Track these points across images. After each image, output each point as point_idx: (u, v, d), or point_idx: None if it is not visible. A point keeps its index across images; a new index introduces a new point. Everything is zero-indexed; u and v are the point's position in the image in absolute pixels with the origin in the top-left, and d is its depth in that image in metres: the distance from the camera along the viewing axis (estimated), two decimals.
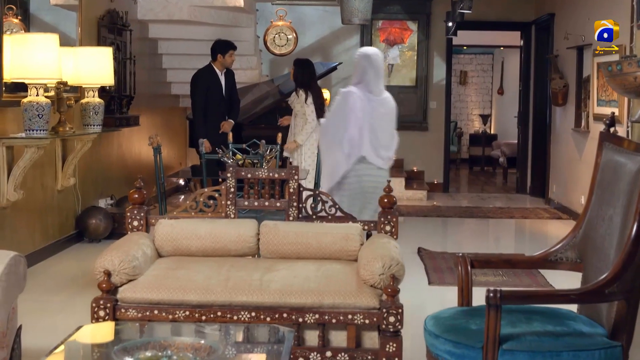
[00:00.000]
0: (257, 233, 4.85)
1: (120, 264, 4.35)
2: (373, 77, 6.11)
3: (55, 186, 7.92)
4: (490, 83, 20.04)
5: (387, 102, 6.22)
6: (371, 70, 6.10)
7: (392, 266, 4.29)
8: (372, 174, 6.18)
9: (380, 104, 6.14)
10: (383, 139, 6.18)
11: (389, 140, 6.25)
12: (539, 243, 9.54)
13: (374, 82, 6.11)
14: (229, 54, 9.31)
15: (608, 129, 3.85)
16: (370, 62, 6.12)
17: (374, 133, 6.12)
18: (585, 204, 3.90)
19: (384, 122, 6.17)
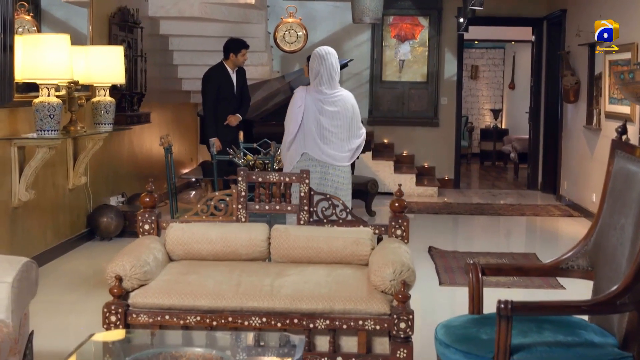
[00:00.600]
0: (268, 237, 4.85)
1: (132, 269, 4.36)
2: (325, 76, 6.18)
3: (66, 185, 7.94)
4: (501, 77, 19.99)
5: (340, 101, 6.20)
6: (322, 68, 6.17)
7: (402, 272, 4.29)
8: (319, 171, 6.21)
9: (331, 103, 6.17)
10: (333, 137, 6.18)
11: (343, 140, 6.22)
12: (551, 242, 9.54)
13: (326, 81, 6.18)
14: (241, 53, 9.32)
15: (620, 136, 3.84)
16: (321, 61, 6.19)
17: (321, 131, 6.16)
18: (597, 212, 3.89)
19: (334, 120, 6.17)
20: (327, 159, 6.21)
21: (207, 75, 9.37)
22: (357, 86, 13.52)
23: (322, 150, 6.20)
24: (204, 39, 11.09)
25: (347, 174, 6.34)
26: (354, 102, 6.31)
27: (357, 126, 6.31)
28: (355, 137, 6.30)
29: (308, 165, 6.23)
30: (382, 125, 13.53)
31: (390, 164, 12.67)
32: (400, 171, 12.80)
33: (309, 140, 6.21)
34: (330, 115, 6.18)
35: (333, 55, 6.23)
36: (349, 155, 6.28)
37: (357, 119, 6.31)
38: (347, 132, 6.25)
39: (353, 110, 6.26)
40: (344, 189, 6.30)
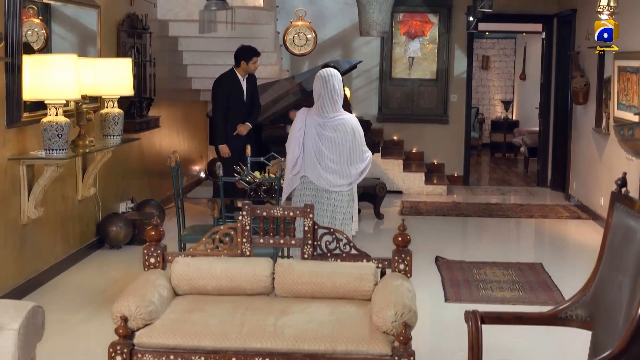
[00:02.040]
0: (272, 272, 4.90)
1: (137, 309, 4.41)
2: (326, 100, 6.19)
3: (75, 197, 8.01)
4: (512, 68, 19.94)
5: (340, 125, 6.19)
6: (324, 91, 6.19)
7: (404, 314, 4.33)
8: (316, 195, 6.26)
9: (331, 128, 6.18)
10: (332, 163, 6.20)
11: (344, 165, 6.23)
12: (558, 249, 9.56)
13: (327, 105, 6.18)
14: (252, 60, 9.32)
15: (619, 189, 3.86)
16: (323, 84, 6.20)
17: (320, 157, 6.19)
18: (596, 263, 3.92)
19: (334, 145, 6.18)
20: (325, 184, 6.24)
21: (217, 81, 9.40)
22: (366, 83, 13.54)
23: (320, 175, 6.23)
24: (213, 39, 11.09)
25: (347, 195, 6.35)
26: (356, 126, 6.29)
27: (359, 150, 6.29)
28: (359, 161, 6.29)
29: (306, 187, 6.29)
30: (392, 123, 13.55)
31: (399, 163, 12.69)
32: (409, 169, 12.83)
33: (308, 164, 6.25)
34: (330, 140, 6.20)
35: (336, 77, 6.23)
36: (349, 181, 6.28)
37: (360, 142, 6.29)
38: (348, 157, 6.25)
39: (354, 134, 6.24)
40: (342, 212, 6.33)
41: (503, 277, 7.80)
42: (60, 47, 7.99)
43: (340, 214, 6.31)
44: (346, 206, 6.34)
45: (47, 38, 7.67)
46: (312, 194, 6.30)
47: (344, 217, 6.33)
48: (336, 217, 6.30)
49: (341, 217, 6.32)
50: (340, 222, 6.31)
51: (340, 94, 6.24)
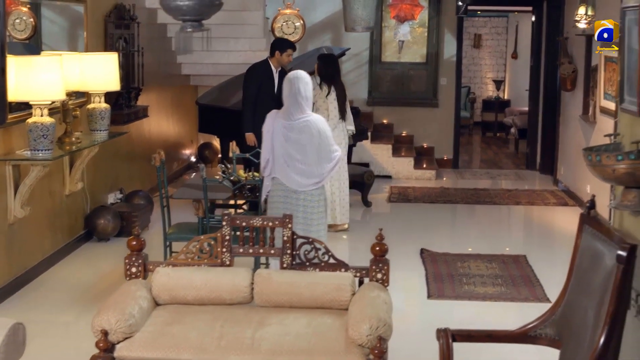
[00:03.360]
0: (251, 283, 4.97)
1: (117, 323, 4.48)
2: (291, 102, 6.25)
3: (63, 192, 8.06)
4: (504, 46, 19.94)
5: (305, 127, 6.23)
6: (289, 93, 6.26)
7: (379, 327, 4.41)
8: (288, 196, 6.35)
9: (296, 130, 6.24)
10: (299, 164, 6.27)
11: (312, 165, 6.29)
12: (543, 239, 9.65)
13: (291, 107, 6.24)
14: (287, 53, 9.12)
15: (588, 211, 3.92)
16: (289, 86, 6.28)
17: (287, 158, 6.28)
18: (565, 283, 3.99)
19: (300, 146, 6.25)
20: (294, 185, 6.32)
21: (250, 70, 9.29)
22: (356, 67, 13.57)
23: (289, 176, 6.31)
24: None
25: (318, 196, 6.42)
26: (322, 127, 6.32)
27: (327, 150, 6.34)
28: (327, 160, 6.34)
29: (278, 189, 6.38)
30: (382, 106, 13.60)
31: (388, 148, 12.75)
32: (398, 154, 12.89)
33: (277, 166, 6.35)
34: (296, 142, 6.26)
35: (302, 80, 6.27)
36: (317, 181, 6.35)
37: (327, 142, 6.33)
38: (316, 157, 6.30)
39: (320, 135, 6.27)
40: (315, 212, 6.40)
41: (486, 271, 7.89)
42: (49, 36, 8.03)
43: (313, 213, 6.38)
44: (317, 205, 6.41)
45: (35, 27, 7.70)
46: (283, 195, 6.39)
47: (319, 216, 6.42)
48: (309, 217, 6.37)
49: (317, 217, 6.40)
50: (317, 222, 6.39)
51: (306, 97, 6.26)
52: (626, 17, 4.12)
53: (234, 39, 11.76)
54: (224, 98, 10.72)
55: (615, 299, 3.44)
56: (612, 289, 3.46)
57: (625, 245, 3.45)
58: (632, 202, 3.87)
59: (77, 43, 8.56)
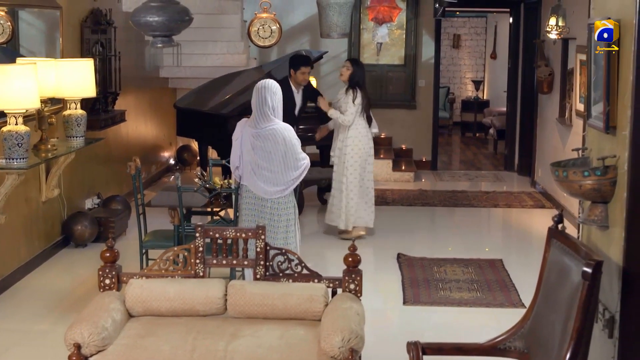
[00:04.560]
0: (225, 294, 4.99)
1: (90, 336, 4.50)
2: (257, 111, 6.30)
3: (39, 198, 8.05)
4: (483, 47, 19.99)
5: (270, 135, 6.27)
6: (256, 102, 6.31)
7: (350, 339, 4.44)
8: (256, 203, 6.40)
9: (262, 138, 6.28)
10: (265, 171, 6.32)
11: (278, 173, 6.32)
12: (520, 243, 9.72)
13: (257, 116, 6.30)
14: (300, 71, 8.78)
15: (556, 225, 3.96)
16: (256, 95, 6.33)
17: (253, 166, 6.34)
18: (534, 297, 4.04)
19: (266, 154, 6.29)
20: (261, 193, 6.36)
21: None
22: (335, 69, 13.55)
23: (255, 184, 6.36)
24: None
25: (285, 204, 6.43)
26: (288, 135, 6.33)
27: (293, 158, 6.36)
28: (293, 168, 6.36)
29: (248, 196, 6.43)
30: None
31: None
32: (377, 156, 12.74)
33: (245, 174, 6.41)
34: (261, 149, 6.30)
35: (269, 89, 6.31)
36: (283, 188, 6.36)
37: (293, 150, 6.35)
38: (282, 165, 6.33)
39: (285, 143, 6.29)
40: (282, 219, 6.41)
41: (462, 276, 7.93)
42: (26, 40, 8.04)
43: (280, 221, 6.39)
44: (285, 213, 6.41)
45: (13, 30, 7.69)
46: (252, 202, 6.43)
47: (287, 224, 6.42)
48: (275, 225, 6.37)
49: (284, 225, 6.40)
50: (284, 229, 6.40)
51: (273, 107, 6.30)
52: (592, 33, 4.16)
53: (212, 42, 11.79)
54: (201, 101, 10.72)
55: (581, 315, 3.49)
56: (577, 305, 3.50)
57: (590, 262, 3.49)
58: (598, 217, 3.91)
59: (55, 46, 8.55)
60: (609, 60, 3.87)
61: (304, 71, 8.72)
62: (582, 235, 4.39)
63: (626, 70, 3.81)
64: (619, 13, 3.93)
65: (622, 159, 3.80)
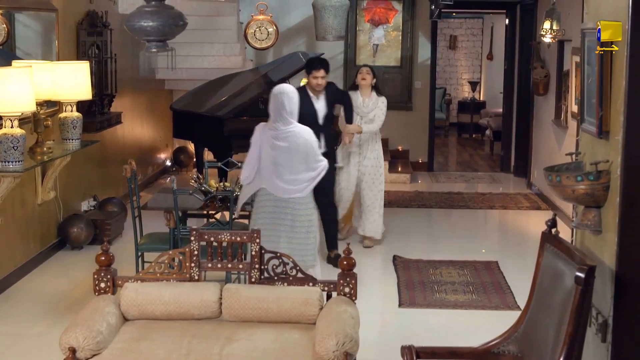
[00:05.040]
0: (220, 298, 5.00)
1: (85, 340, 4.50)
2: (274, 113, 6.39)
3: (35, 201, 8.05)
4: (480, 47, 20.02)
5: (291, 137, 6.36)
6: (274, 107, 6.38)
7: (345, 343, 4.45)
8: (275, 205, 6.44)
9: (282, 139, 6.36)
10: (286, 171, 6.39)
11: (299, 172, 6.41)
12: (516, 245, 9.71)
13: (275, 118, 6.38)
14: (312, 75, 8.08)
15: (550, 230, 3.97)
16: (274, 100, 6.40)
17: (275, 166, 6.39)
18: (527, 301, 4.05)
19: (287, 154, 6.37)
20: (282, 193, 6.41)
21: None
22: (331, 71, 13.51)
23: (277, 185, 6.41)
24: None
25: (306, 204, 6.49)
26: (308, 137, 6.44)
27: (313, 159, 6.47)
28: (312, 169, 6.46)
29: (265, 199, 6.44)
30: None
31: None
32: None
33: (264, 176, 6.44)
34: (283, 150, 6.36)
35: (286, 94, 6.37)
36: (304, 186, 6.44)
37: (314, 152, 6.47)
38: (304, 165, 6.43)
39: (306, 144, 6.40)
40: (303, 220, 6.46)
41: (458, 278, 7.94)
42: (22, 41, 8.05)
43: (302, 222, 6.45)
44: (306, 214, 6.48)
45: (8, 32, 7.70)
46: (271, 204, 6.46)
47: (309, 224, 6.49)
48: (297, 226, 6.44)
49: (306, 225, 6.47)
50: (306, 229, 6.47)
51: (290, 111, 6.37)
52: (586, 38, 4.17)
53: (208, 44, 11.80)
54: (197, 103, 10.72)
55: (574, 320, 3.50)
56: (571, 309, 3.51)
57: (583, 267, 3.51)
58: (591, 222, 3.92)
59: (51, 48, 8.56)
60: (602, 65, 3.88)
61: (315, 75, 8.01)
62: (576, 239, 4.41)
63: (619, 75, 3.83)
64: (611, 17, 3.93)
65: (615, 164, 3.81)
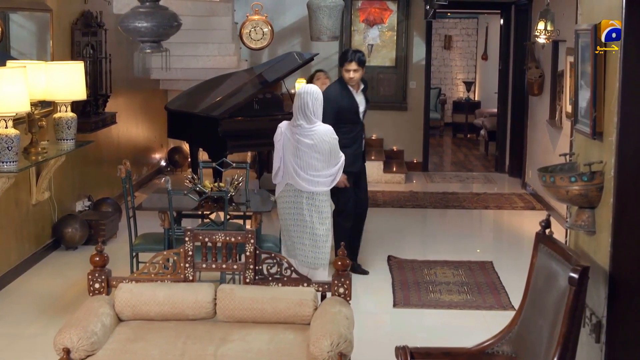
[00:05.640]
0: (214, 298, 5.00)
1: (79, 341, 4.50)
2: (299, 114, 6.57)
3: (30, 201, 8.04)
4: (474, 47, 20.03)
5: (316, 135, 6.55)
6: (298, 107, 6.57)
7: (340, 344, 4.45)
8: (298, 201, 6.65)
9: (305, 136, 6.55)
10: (311, 165, 6.58)
11: (322, 168, 6.60)
12: (510, 245, 9.74)
13: (300, 118, 6.56)
14: (344, 67, 7.70)
15: (544, 230, 3.98)
16: (299, 100, 6.58)
17: (299, 161, 6.58)
18: (521, 302, 4.05)
19: (312, 151, 6.55)
20: (306, 186, 6.60)
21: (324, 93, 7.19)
22: (326, 70, 13.55)
23: (300, 180, 6.59)
24: None
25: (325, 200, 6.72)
26: (331, 136, 6.63)
27: (335, 157, 6.69)
28: (333, 165, 6.67)
29: (292, 195, 6.67)
30: None
31: None
32: (368, 157, 12.82)
33: (289, 171, 6.63)
34: (307, 146, 6.56)
35: (310, 94, 6.57)
36: (329, 180, 6.67)
37: (335, 150, 6.68)
38: (327, 163, 6.63)
39: (330, 143, 6.60)
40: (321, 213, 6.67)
41: (453, 278, 7.95)
42: (17, 41, 8.06)
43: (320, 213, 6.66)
44: (322, 206, 6.68)
45: (3, 32, 7.70)
46: (292, 196, 6.68)
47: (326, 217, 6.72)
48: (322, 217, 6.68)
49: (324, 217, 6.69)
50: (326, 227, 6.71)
51: (314, 111, 6.56)
52: (580, 39, 4.18)
53: (203, 44, 11.80)
54: (192, 104, 10.71)
55: (568, 320, 3.50)
56: (564, 310, 3.51)
57: (577, 268, 3.51)
58: (585, 223, 3.93)
59: (46, 49, 8.56)
60: (596, 66, 3.89)
61: (347, 68, 7.62)
62: (570, 240, 4.42)
63: (613, 76, 3.83)
64: (605, 18, 3.94)
65: (609, 165, 3.82)
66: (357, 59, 7.64)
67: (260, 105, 10.44)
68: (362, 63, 7.71)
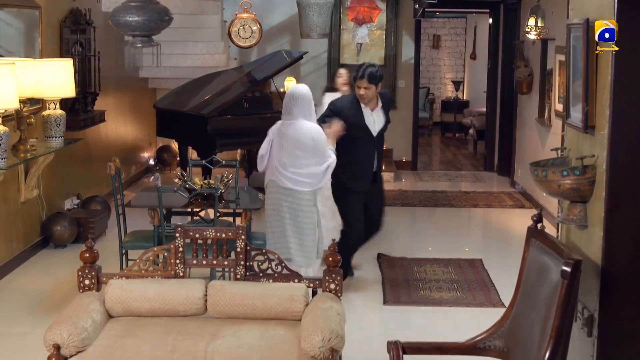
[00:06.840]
0: (205, 294, 4.98)
1: (69, 337, 4.48)
2: (285, 109, 6.54)
3: (18, 199, 8.01)
4: (463, 47, 20.06)
5: (299, 130, 6.44)
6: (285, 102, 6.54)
7: (331, 339, 4.44)
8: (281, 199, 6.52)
9: (289, 129, 6.47)
10: (293, 162, 6.45)
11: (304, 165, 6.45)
12: (499, 243, 9.75)
13: (285, 112, 6.53)
14: (356, 83, 6.98)
15: (536, 225, 3.98)
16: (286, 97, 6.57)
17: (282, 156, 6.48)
18: (513, 296, 4.05)
19: (293, 145, 6.43)
20: (289, 184, 6.47)
21: (333, 102, 7.25)
22: (315, 69, 13.59)
23: (283, 175, 6.48)
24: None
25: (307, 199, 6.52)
26: (316, 133, 6.48)
27: (320, 156, 6.50)
28: (318, 164, 6.49)
29: (274, 192, 6.55)
30: None
31: None
32: None
33: (273, 166, 6.54)
34: (290, 140, 6.44)
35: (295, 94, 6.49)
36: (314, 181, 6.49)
37: (320, 149, 6.49)
38: (310, 160, 6.47)
39: (313, 139, 6.44)
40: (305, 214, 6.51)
41: (442, 276, 7.95)
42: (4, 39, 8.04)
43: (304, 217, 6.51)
44: (304, 205, 6.51)
45: None
46: (276, 196, 6.55)
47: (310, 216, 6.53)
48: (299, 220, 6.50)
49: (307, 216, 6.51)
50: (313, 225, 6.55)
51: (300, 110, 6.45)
52: (571, 33, 4.18)
53: (192, 43, 11.77)
54: (181, 102, 10.68)
55: (560, 314, 3.50)
56: (557, 304, 3.51)
57: (569, 261, 3.51)
58: (577, 217, 3.93)
59: (34, 46, 8.52)
60: (588, 60, 3.89)
61: (358, 85, 6.91)
62: (561, 234, 4.42)
63: (605, 70, 3.84)
64: (597, 13, 3.95)
65: (601, 159, 3.82)
66: (368, 75, 6.88)
67: (249, 104, 10.41)
68: (373, 79, 6.92)
